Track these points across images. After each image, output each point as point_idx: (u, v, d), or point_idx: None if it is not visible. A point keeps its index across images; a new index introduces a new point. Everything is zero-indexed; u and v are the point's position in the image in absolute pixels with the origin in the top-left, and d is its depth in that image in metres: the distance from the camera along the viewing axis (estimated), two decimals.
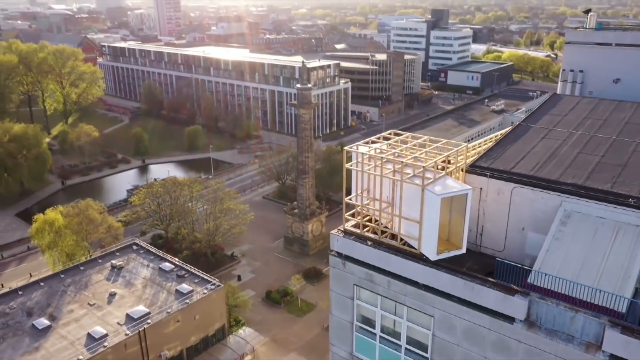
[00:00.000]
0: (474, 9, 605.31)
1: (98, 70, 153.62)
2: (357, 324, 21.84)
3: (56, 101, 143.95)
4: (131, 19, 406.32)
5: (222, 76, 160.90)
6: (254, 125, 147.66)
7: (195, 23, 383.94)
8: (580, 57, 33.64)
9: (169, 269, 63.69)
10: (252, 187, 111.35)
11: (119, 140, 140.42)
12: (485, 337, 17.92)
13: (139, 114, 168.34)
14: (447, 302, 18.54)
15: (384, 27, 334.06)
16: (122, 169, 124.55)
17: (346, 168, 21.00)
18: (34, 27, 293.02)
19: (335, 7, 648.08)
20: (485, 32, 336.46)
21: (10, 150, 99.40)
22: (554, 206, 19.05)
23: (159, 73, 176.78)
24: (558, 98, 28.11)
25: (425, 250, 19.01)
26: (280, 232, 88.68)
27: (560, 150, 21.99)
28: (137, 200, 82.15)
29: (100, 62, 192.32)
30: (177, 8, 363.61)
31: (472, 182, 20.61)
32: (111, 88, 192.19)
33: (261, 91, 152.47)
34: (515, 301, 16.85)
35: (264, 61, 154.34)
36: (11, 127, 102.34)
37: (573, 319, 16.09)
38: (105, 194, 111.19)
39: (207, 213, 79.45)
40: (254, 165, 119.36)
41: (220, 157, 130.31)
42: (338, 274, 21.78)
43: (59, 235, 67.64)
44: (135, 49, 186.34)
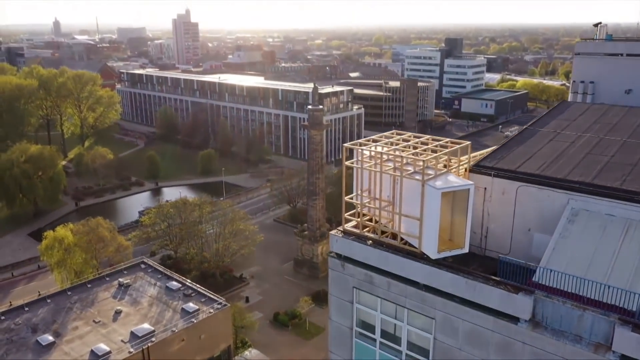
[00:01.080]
0: (488, 40, 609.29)
1: (115, 95, 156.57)
2: (356, 330, 21.00)
3: (73, 125, 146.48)
4: (151, 49, 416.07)
5: (237, 102, 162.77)
6: (267, 149, 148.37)
7: (213, 52, 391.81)
8: (590, 68, 33.17)
9: (176, 288, 62.96)
10: (264, 210, 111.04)
11: (133, 163, 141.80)
12: (488, 339, 17.00)
13: (154, 138, 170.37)
14: (449, 303, 17.71)
15: (398, 57, 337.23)
16: (135, 192, 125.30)
17: (346, 166, 20.52)
18: (57, 55, 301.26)
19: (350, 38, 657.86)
20: (499, 62, 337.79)
21: (26, 171, 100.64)
22: (561, 205, 18.31)
23: (175, 99, 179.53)
24: (567, 105, 27.52)
25: (425, 248, 18.30)
26: (291, 255, 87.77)
27: (568, 151, 21.32)
28: (147, 220, 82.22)
29: (119, 89, 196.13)
30: (195, 38, 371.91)
31: (476, 181, 19.97)
32: (128, 113, 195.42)
33: (275, 116, 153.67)
34: (520, 300, 15.99)
35: (277, 87, 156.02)
36: (28, 148, 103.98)
37: (581, 318, 15.18)
38: (117, 215, 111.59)
39: (217, 234, 79.12)
40: (266, 189, 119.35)
41: (232, 181, 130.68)
42: (337, 276, 21.07)
43: (68, 252, 67.66)
44: (153, 76, 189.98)
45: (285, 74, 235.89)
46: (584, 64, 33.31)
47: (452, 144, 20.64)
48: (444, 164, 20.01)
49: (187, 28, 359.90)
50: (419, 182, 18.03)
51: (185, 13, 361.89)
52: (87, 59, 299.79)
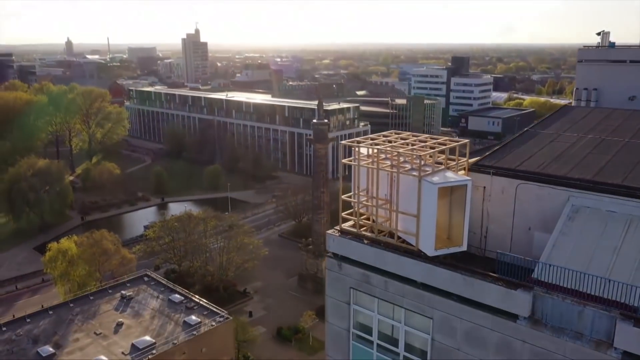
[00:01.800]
0: (495, 60, 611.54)
1: (124, 111, 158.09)
2: (353, 332, 20.55)
3: (82, 140, 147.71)
4: (160, 68, 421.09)
5: (244, 118, 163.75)
6: (273, 166, 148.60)
7: (221, 71, 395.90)
8: (593, 75, 32.95)
9: (178, 301, 62.51)
10: (269, 226, 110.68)
11: (140, 179, 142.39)
12: (487, 338, 16.53)
13: (162, 154, 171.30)
14: (447, 302, 17.29)
15: (405, 75, 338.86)
16: (141, 207, 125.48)
17: (343, 163, 20.32)
18: (68, 73, 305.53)
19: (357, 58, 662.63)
20: (506, 81, 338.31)
21: (33, 185, 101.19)
22: (561, 202, 17.96)
23: (183, 115, 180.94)
24: (569, 109, 27.27)
25: (423, 246, 17.95)
26: (295, 270, 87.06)
27: (569, 151, 21.01)
28: (152, 234, 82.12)
29: (127, 105, 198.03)
30: (204, 57, 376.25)
31: (475, 180, 19.68)
32: (136, 130, 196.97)
33: (281, 133, 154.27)
34: (518, 296, 15.57)
35: (284, 104, 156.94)
36: (35, 162, 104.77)
37: (581, 313, 14.72)
38: (123, 229, 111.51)
39: (221, 247, 78.81)
40: (272, 205, 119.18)
41: (238, 197, 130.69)
42: (334, 277, 20.73)
43: (72, 264, 67.51)
44: (161, 93, 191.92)
45: (292, 92, 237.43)
46: (587, 71, 33.11)
47: (451, 142, 20.40)
48: (443, 162, 19.74)
49: (197, 47, 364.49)
50: (415, 178, 17.77)
51: (195, 33, 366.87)
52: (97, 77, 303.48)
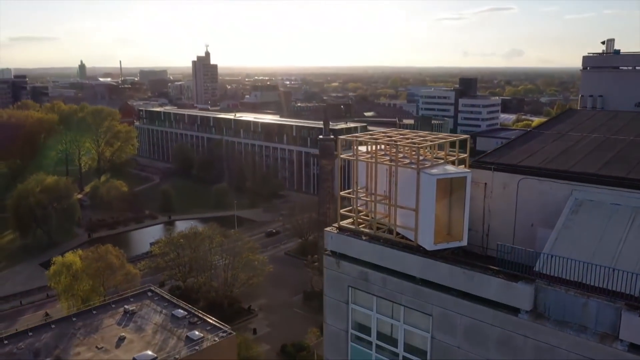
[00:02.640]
0: (503, 82, 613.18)
1: (133, 130, 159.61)
2: (352, 332, 19.97)
3: (91, 159, 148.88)
4: (171, 90, 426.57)
5: (252, 138, 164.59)
6: (280, 185, 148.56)
7: (231, 93, 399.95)
8: (599, 82, 32.63)
9: (182, 316, 61.85)
10: (275, 244, 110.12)
11: (148, 197, 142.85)
12: (488, 335, 15.91)
13: (170, 173, 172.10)
14: (446, 297, 16.74)
15: (413, 97, 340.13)
16: (148, 224, 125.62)
17: (341, 158, 20.04)
18: (80, 95, 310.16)
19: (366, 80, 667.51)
20: (514, 103, 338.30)
21: (41, 201, 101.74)
22: (564, 196, 17.48)
23: (192, 135, 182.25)
24: (574, 111, 26.90)
25: (422, 240, 17.49)
26: (301, 288, 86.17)
27: (572, 148, 20.60)
28: (157, 250, 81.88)
29: (137, 125, 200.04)
30: (214, 79, 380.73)
31: (476, 177, 19.27)
32: (145, 150, 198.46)
33: (289, 152, 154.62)
34: (520, 289, 15.01)
35: (292, 123, 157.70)
36: (44, 179, 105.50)
37: (585, 306, 14.14)
38: (129, 247, 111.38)
39: (226, 264, 78.28)
40: (278, 223, 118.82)
41: (246, 215, 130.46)
42: (332, 275, 20.24)
43: (76, 279, 67.24)
44: (170, 113, 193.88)
45: (300, 113, 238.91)
46: (592, 77, 32.81)
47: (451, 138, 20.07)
48: (442, 158, 19.39)
49: (207, 70, 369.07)
50: (414, 170, 17.43)
51: (205, 55, 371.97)
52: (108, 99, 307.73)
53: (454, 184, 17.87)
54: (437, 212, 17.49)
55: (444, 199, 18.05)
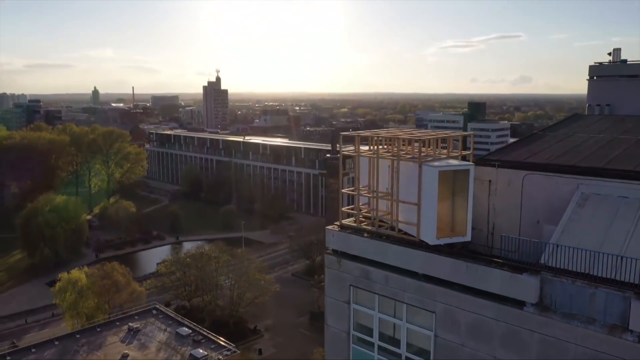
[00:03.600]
0: (512, 108, 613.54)
1: (142, 151, 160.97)
2: (353, 334, 19.43)
3: (101, 180, 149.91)
4: (182, 115, 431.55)
5: (260, 160, 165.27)
6: (288, 207, 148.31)
7: (241, 117, 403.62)
8: (606, 91, 32.33)
9: (186, 334, 61.10)
10: (282, 265, 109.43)
11: (156, 218, 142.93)
12: (493, 330, 15.37)
13: (179, 195, 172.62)
14: (449, 293, 16.25)
15: (421, 122, 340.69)
16: (155, 245, 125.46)
17: (343, 154, 19.84)
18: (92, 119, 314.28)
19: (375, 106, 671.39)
20: (524, 128, 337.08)
21: (50, 220, 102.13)
22: (570, 191, 17.11)
23: (201, 157, 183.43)
24: (580, 116, 26.62)
25: (424, 235, 17.11)
26: (307, 308, 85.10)
27: (578, 147, 20.27)
28: (164, 269, 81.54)
29: (147, 148, 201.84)
30: (224, 104, 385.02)
31: (480, 174, 18.96)
32: (155, 172, 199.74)
33: (297, 174, 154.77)
34: (525, 281, 14.53)
35: (300, 146, 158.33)
36: (53, 198, 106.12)
37: (593, 296, 13.62)
38: (136, 267, 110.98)
39: (232, 283, 77.67)
40: (285, 244, 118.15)
41: (253, 237, 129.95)
42: (334, 275, 19.83)
43: (81, 296, 66.89)
44: (180, 136, 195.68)
45: (309, 137, 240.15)
46: (599, 87, 32.52)
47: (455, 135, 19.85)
48: (445, 155, 19.14)
49: (217, 95, 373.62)
50: (416, 164, 17.17)
51: (216, 80, 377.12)
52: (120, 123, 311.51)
53: (457, 178, 17.55)
54: (440, 208, 17.12)
55: (447, 194, 17.70)
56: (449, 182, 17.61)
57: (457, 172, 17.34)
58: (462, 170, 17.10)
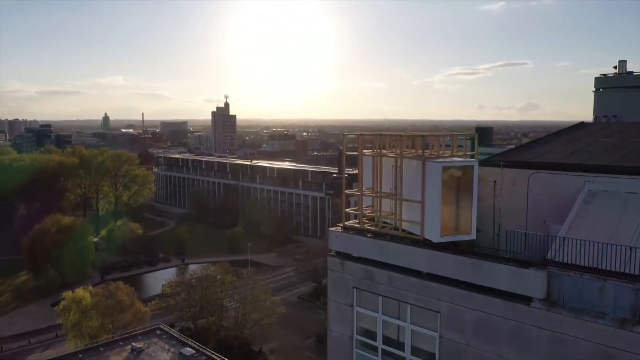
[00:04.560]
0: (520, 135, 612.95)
1: (150, 174, 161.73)
2: (357, 338, 18.97)
3: (108, 202, 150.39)
4: (190, 140, 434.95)
5: (267, 183, 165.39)
6: (295, 230, 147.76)
7: (248, 143, 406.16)
8: (612, 102, 32.23)
9: (190, 354, 60.27)
10: (288, 288, 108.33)
11: (162, 241, 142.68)
12: (499, 329, 14.92)
13: (186, 218, 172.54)
14: (455, 291, 15.87)
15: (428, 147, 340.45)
16: (161, 267, 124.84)
17: (345, 154, 19.70)
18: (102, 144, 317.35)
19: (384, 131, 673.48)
20: None
21: (56, 241, 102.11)
22: (576, 189, 16.83)
23: (208, 181, 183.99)
24: (587, 124, 26.43)
25: (428, 233, 16.82)
26: (313, 331, 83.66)
27: (585, 149, 20.03)
28: (169, 289, 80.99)
29: (155, 172, 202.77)
30: (232, 129, 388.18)
31: (485, 175, 18.77)
32: (162, 196, 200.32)
33: (304, 197, 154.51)
34: (531, 275, 14.16)
35: (307, 169, 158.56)
36: (60, 219, 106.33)
37: (602, 289, 13.22)
38: (141, 289, 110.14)
39: (237, 305, 76.89)
40: (292, 267, 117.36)
41: (259, 260, 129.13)
42: (337, 277, 19.52)
43: (85, 315, 66.36)
44: (188, 159, 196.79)
45: (317, 161, 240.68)
46: (605, 98, 32.42)
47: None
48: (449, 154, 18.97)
49: (225, 120, 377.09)
50: (419, 162, 17.01)
51: (225, 106, 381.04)
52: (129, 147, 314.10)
53: (461, 175, 17.32)
54: (444, 206, 16.89)
55: (451, 193, 17.45)
56: (452, 180, 17.37)
57: (461, 169, 17.13)
58: (466, 167, 16.89)
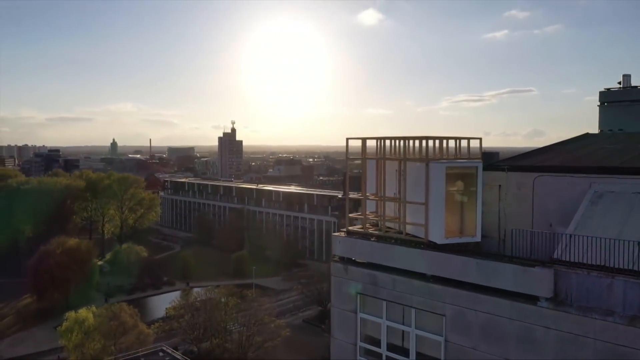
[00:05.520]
0: None
1: (156, 197, 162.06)
2: (360, 345, 18.58)
3: (114, 226, 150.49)
4: (197, 165, 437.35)
5: (273, 207, 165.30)
6: (300, 253, 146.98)
7: (255, 168, 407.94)
8: (617, 116, 32.00)
9: None
10: (293, 312, 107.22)
11: (167, 265, 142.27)
12: (506, 330, 14.58)
13: (191, 242, 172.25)
14: (460, 293, 15.57)
15: None
16: (165, 290, 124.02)
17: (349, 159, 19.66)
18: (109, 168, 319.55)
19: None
20: None
21: (61, 263, 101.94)
22: (582, 191, 16.63)
23: (214, 205, 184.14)
24: (591, 135, 26.32)
25: (432, 235, 16.62)
26: (318, 355, 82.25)
27: (590, 154, 19.90)
28: (172, 311, 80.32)
29: (162, 196, 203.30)
30: (239, 155, 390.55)
31: (489, 180, 18.60)
32: (168, 220, 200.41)
33: (309, 221, 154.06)
34: (538, 273, 13.88)
35: (312, 192, 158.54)
36: (66, 241, 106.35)
37: (610, 287, 12.92)
38: (145, 312, 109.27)
39: (241, 326, 76.02)
40: (297, 291, 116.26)
41: (265, 284, 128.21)
42: (340, 283, 19.24)
43: (88, 336, 65.73)
44: (194, 183, 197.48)
45: (323, 186, 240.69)
46: (610, 112, 32.22)
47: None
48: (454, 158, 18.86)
49: (232, 145, 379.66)
50: (423, 164, 16.93)
51: (231, 132, 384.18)
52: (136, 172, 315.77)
53: (465, 178, 17.20)
54: (448, 209, 16.73)
55: (455, 195, 17.30)
56: (457, 183, 17.25)
57: (465, 171, 17.02)
58: (470, 168, 16.78)
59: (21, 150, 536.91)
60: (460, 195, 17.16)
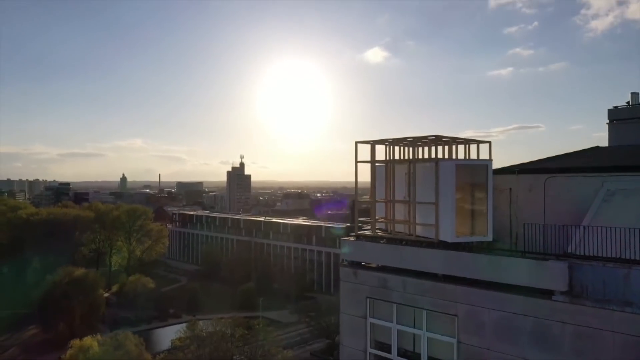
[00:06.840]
0: None
1: (164, 229, 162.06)
2: (370, 352, 18.10)
3: (122, 257, 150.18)
4: (205, 200, 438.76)
5: (281, 239, 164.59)
6: (308, 286, 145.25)
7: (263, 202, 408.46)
8: (627, 135, 31.85)
9: None
10: (301, 345, 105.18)
11: (174, 297, 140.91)
12: (520, 328, 14.17)
13: (198, 275, 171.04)
14: (472, 291, 15.23)
15: None
16: (171, 323, 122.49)
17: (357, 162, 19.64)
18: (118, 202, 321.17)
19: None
20: None
21: (67, 293, 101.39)
22: (594, 190, 16.47)
23: (221, 237, 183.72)
24: (600, 147, 26.19)
25: (443, 235, 16.40)
26: None
27: (601, 157, 19.77)
28: (179, 342, 79.15)
29: (170, 228, 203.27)
30: (247, 189, 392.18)
31: (499, 183, 18.49)
32: (175, 252, 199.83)
33: (317, 253, 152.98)
34: (552, 267, 13.59)
35: (321, 224, 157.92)
36: (73, 271, 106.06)
37: (627, 277, 12.61)
38: (150, 344, 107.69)
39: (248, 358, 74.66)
40: (304, 324, 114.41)
41: (272, 316, 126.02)
42: (349, 288, 18.92)
43: None
44: (202, 216, 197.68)
45: (331, 220, 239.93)
46: (619, 130, 32.18)
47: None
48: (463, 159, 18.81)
49: (240, 180, 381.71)
50: (432, 164, 16.89)
51: (240, 166, 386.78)
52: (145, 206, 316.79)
53: (475, 177, 17.09)
54: (459, 208, 16.58)
55: (465, 195, 17.17)
56: (467, 183, 17.14)
57: (475, 170, 16.94)
58: (480, 166, 16.70)
59: (32, 184, 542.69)
60: (470, 194, 17.02)
